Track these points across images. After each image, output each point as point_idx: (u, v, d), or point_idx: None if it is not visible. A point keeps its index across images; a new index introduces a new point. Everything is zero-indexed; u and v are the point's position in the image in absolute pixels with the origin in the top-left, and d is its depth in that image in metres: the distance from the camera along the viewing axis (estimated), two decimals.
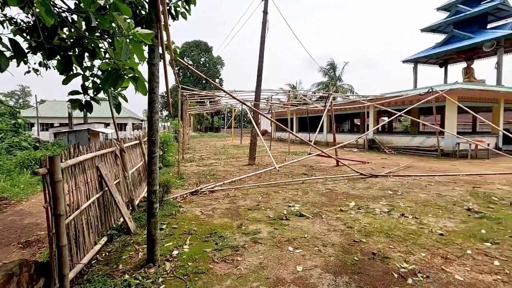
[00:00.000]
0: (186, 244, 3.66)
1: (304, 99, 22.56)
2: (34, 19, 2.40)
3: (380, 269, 3.04)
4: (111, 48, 2.20)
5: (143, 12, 3.07)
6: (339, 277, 2.89)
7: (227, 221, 4.59)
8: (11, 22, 2.45)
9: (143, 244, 3.54)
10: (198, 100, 22.48)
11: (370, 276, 2.89)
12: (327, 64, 44.38)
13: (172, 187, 6.25)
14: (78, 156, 3.06)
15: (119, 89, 2.39)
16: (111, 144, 4.42)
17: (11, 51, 1.84)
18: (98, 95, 2.42)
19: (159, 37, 2.94)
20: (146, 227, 3.14)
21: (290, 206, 5.34)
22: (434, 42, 19.99)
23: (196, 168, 10.26)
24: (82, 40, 2.31)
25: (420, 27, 20.64)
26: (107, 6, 2.05)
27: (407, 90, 15.45)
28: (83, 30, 2.19)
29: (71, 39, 2.40)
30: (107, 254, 3.43)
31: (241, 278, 2.87)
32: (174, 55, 4.34)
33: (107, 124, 24.84)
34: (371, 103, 15.41)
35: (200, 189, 6.62)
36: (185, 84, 46.22)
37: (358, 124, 30.43)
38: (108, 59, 2.34)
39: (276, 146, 20.74)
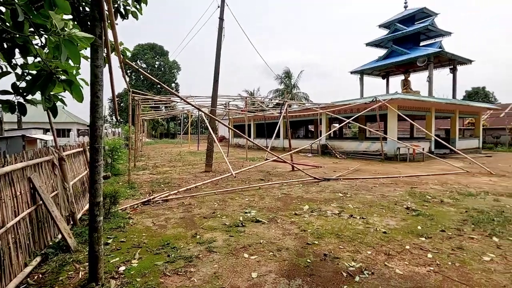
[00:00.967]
0: (135, 259, 3.42)
1: (262, 106, 22.99)
2: None
3: (331, 269, 3.17)
4: (47, 46, 1.98)
5: (87, 8, 2.84)
6: (292, 280, 2.94)
7: (181, 231, 4.41)
8: None
9: (85, 262, 3.22)
10: (153, 105, 21.53)
11: (321, 277, 3.00)
12: (283, 72, 45.90)
13: (121, 198, 5.83)
14: (3, 166, 2.69)
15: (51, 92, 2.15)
16: (48, 152, 3.98)
17: None
18: (34, 96, 2.14)
19: (104, 37, 2.75)
20: (88, 243, 2.86)
21: (246, 213, 5.34)
22: (377, 56, 21.95)
23: (149, 177, 9.74)
24: (7, 34, 2.04)
25: (366, 41, 22.56)
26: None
27: (355, 99, 16.67)
28: (11, 24, 1.94)
29: None
30: (40, 276, 3.04)
31: None
32: (122, 57, 4.09)
33: (47, 130, 22.35)
34: (323, 111, 16.29)
35: (153, 198, 6.29)
36: (138, 88, 43.93)
37: (313, 130, 31.90)
38: (45, 59, 2.11)
39: (234, 152, 20.71)
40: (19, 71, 2.09)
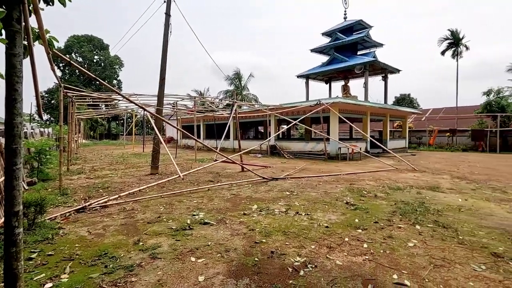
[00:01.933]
0: (65, 273, 3.05)
1: (211, 106, 22.68)
2: None
3: (277, 266, 3.26)
4: None
5: None
6: (240, 280, 2.94)
7: (121, 238, 4.08)
8: None
9: (0, 283, 2.77)
10: (91, 103, 19.68)
11: (268, 274, 3.06)
12: (233, 74, 46.03)
13: (49, 206, 5.18)
14: None
15: None
16: None
17: None
18: None
19: (24, 22, 2.40)
20: (4, 260, 2.45)
21: (194, 215, 5.19)
22: (320, 62, 23.42)
23: (85, 181, 8.84)
24: None
25: (311, 47, 23.89)
26: None
27: (301, 101, 17.52)
28: None
29: None
30: None
31: None
32: (49, 47, 3.62)
33: None
34: (272, 112, 16.76)
35: (89, 205, 5.71)
36: (73, 84, 39.69)
37: (263, 131, 32.59)
38: None
39: (183, 154, 20.04)
40: None
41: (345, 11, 22.39)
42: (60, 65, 46.68)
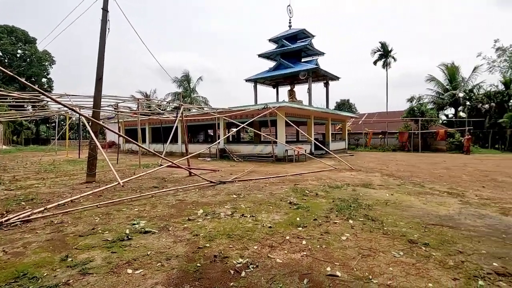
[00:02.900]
0: None
1: (158, 109, 21.70)
2: None
3: (220, 269, 3.26)
4: None
5: None
6: (180, 287, 2.87)
7: (46, 256, 3.66)
8: None
9: None
10: (13, 103, 17.28)
11: (210, 279, 3.04)
12: (182, 76, 44.79)
13: None
14: None
15: None
16: None
17: None
18: None
19: None
20: None
21: (134, 224, 4.90)
22: (268, 67, 24.16)
23: (3, 193, 7.69)
24: None
25: (258, 52, 24.49)
26: None
27: (249, 105, 17.84)
28: None
29: None
30: None
31: None
32: None
33: None
34: (220, 115, 16.72)
35: (6, 220, 4.99)
36: None
37: (212, 134, 32.24)
38: None
39: (126, 159, 18.76)
40: None
41: (289, 20, 23.53)
42: None
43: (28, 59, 46.75)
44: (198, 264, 3.36)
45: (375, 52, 38.41)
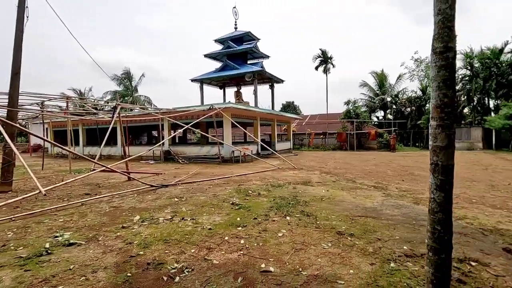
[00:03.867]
0: None
1: (93, 109, 19.85)
2: None
3: (152, 277, 3.13)
4: None
5: None
6: None
7: None
8: None
9: None
10: None
11: None
12: (123, 73, 41.75)
13: None
14: None
15: None
16: None
17: None
18: None
19: None
20: None
21: (57, 236, 4.40)
22: (214, 68, 23.98)
23: None
24: None
25: (205, 52, 24.16)
26: None
27: (195, 105, 17.47)
28: None
29: None
30: None
31: None
32: None
33: None
34: (164, 116, 16.05)
35: None
36: None
37: (157, 136, 30.70)
38: None
39: (54, 165, 16.72)
40: None
41: (235, 22, 23.71)
42: None
43: None
44: (129, 274, 3.18)
45: (316, 58, 40.99)
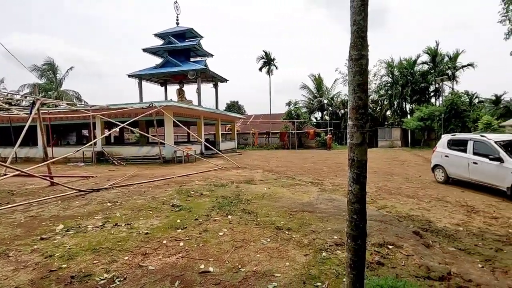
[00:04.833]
0: None
1: (7, 103, 16.95)
2: None
3: None
4: None
5: None
6: None
7: None
8: None
9: None
10: None
11: None
12: (45, 64, 36.68)
13: None
14: None
15: None
16: None
17: None
18: None
19: None
20: None
21: None
22: (155, 64, 22.70)
23: None
24: None
25: (143, 46, 22.69)
26: None
27: (132, 103, 16.28)
28: None
29: None
30: None
31: None
32: None
33: None
34: (96, 113, 14.61)
35: None
36: None
37: (88, 135, 27.73)
38: None
39: None
40: None
41: (177, 17, 22.79)
42: None
43: None
44: None
45: (260, 59, 42.04)
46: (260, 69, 42.25)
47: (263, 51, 41.07)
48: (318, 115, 42.39)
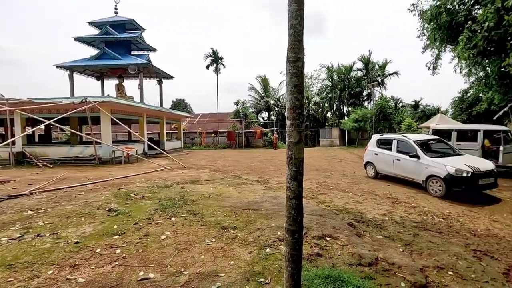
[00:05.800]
0: None
1: None
2: None
3: None
4: None
5: None
6: None
7: None
8: None
9: None
10: None
11: None
12: None
13: None
14: None
15: None
16: None
17: None
18: None
19: None
20: None
21: None
22: (89, 54, 20.59)
23: None
24: None
25: (76, 35, 20.38)
26: None
27: (61, 97, 14.50)
28: None
29: None
30: None
31: None
32: None
33: None
34: (15, 108, 12.64)
35: None
36: None
37: (4, 133, 23.83)
38: None
39: None
40: None
41: (115, 6, 21.00)
42: None
43: None
44: None
45: (207, 57, 41.39)
46: (207, 66, 41.60)
47: (211, 48, 40.63)
48: (265, 115, 43.50)
